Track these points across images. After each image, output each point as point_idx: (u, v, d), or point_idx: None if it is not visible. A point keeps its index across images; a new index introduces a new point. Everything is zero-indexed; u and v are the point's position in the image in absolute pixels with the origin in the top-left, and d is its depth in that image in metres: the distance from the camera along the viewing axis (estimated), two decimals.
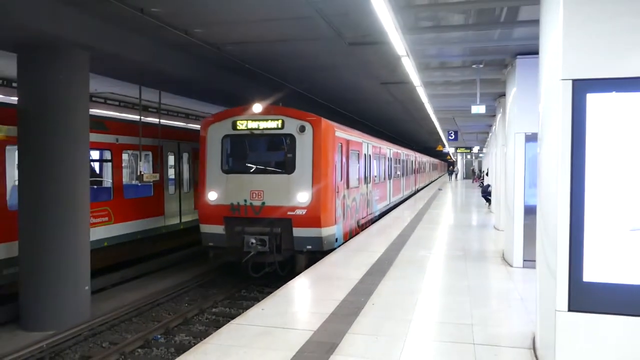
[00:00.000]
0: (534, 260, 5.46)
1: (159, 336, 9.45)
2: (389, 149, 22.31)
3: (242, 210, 11.84)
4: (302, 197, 11.46)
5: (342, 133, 13.39)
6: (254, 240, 11.46)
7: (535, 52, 5.58)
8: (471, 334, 5.97)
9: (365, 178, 16.56)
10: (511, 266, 9.73)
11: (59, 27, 8.77)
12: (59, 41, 9.16)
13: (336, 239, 12.24)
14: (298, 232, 11.52)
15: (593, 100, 4.29)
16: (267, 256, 11.58)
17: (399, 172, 25.84)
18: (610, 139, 4.28)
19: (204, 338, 6.39)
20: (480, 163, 51.46)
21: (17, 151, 9.83)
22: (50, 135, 9.43)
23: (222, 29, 10.61)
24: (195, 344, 7.57)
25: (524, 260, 9.56)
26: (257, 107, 11.87)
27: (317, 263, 10.17)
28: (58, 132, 9.49)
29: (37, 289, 9.38)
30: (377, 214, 18.63)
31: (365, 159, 16.50)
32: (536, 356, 5.23)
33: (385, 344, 5.65)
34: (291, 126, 11.72)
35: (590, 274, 4.31)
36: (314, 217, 11.44)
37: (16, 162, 10.01)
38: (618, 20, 4.28)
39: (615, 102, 4.26)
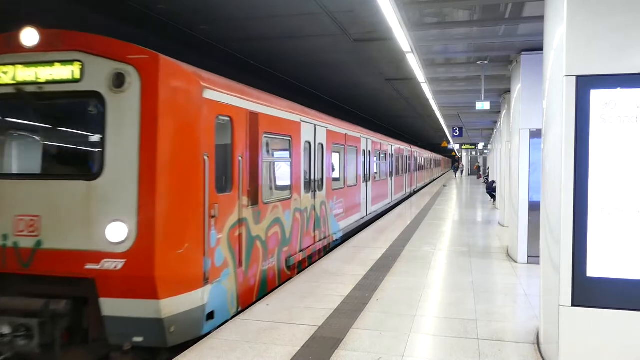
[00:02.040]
0: (539, 256, 5.48)
1: None
2: (366, 139, 16.02)
3: None
4: (116, 232, 5.47)
5: (233, 97, 6.92)
6: (7, 329, 5.43)
7: (540, 48, 5.59)
8: (475, 329, 6.00)
9: (310, 183, 10.27)
10: (516, 262, 9.75)
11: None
12: None
13: (210, 314, 6.18)
14: (111, 306, 5.49)
15: (597, 96, 4.31)
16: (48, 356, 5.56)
17: (384, 171, 19.81)
18: (614, 135, 4.30)
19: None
20: (485, 159, 51.31)
21: None
22: None
23: (226, 26, 10.65)
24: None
25: (529, 256, 9.59)
26: (31, 36, 5.80)
27: (321, 259, 10.17)
28: None
29: None
30: (339, 235, 12.54)
31: (310, 151, 10.27)
32: (540, 351, 5.26)
33: (390, 339, 5.68)
34: (98, 74, 5.69)
35: (594, 270, 4.34)
36: (141, 276, 5.44)
37: None
38: (622, 17, 4.29)
39: (620, 98, 4.28)
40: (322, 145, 11.13)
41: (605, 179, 4.31)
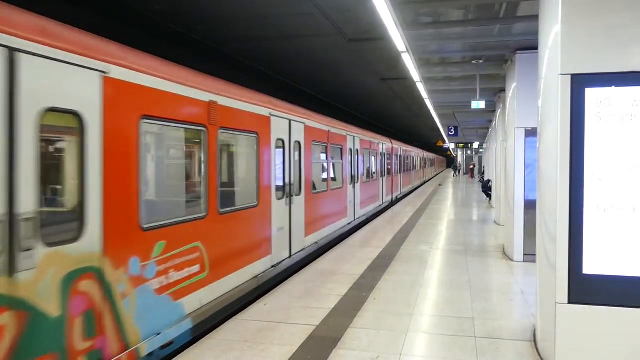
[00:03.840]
0: (534, 255, 5.51)
1: None
2: (287, 123, 9.26)
3: None
4: None
5: None
6: None
7: (534, 47, 5.61)
8: (472, 327, 6.03)
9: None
10: (512, 260, 9.78)
11: None
12: None
13: None
14: None
15: (592, 94, 4.34)
16: None
17: (341, 175, 13.77)
18: (609, 133, 4.33)
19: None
20: (480, 158, 51.34)
21: None
22: None
23: (223, 26, 10.64)
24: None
25: (525, 255, 9.62)
26: None
27: (319, 258, 10.21)
28: None
29: None
30: (177, 332, 5.58)
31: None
32: (537, 348, 5.29)
33: (388, 337, 5.70)
34: None
35: (590, 267, 4.37)
36: None
37: None
38: (617, 15, 4.32)
39: (615, 96, 4.30)
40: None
41: (600, 176, 4.34)
